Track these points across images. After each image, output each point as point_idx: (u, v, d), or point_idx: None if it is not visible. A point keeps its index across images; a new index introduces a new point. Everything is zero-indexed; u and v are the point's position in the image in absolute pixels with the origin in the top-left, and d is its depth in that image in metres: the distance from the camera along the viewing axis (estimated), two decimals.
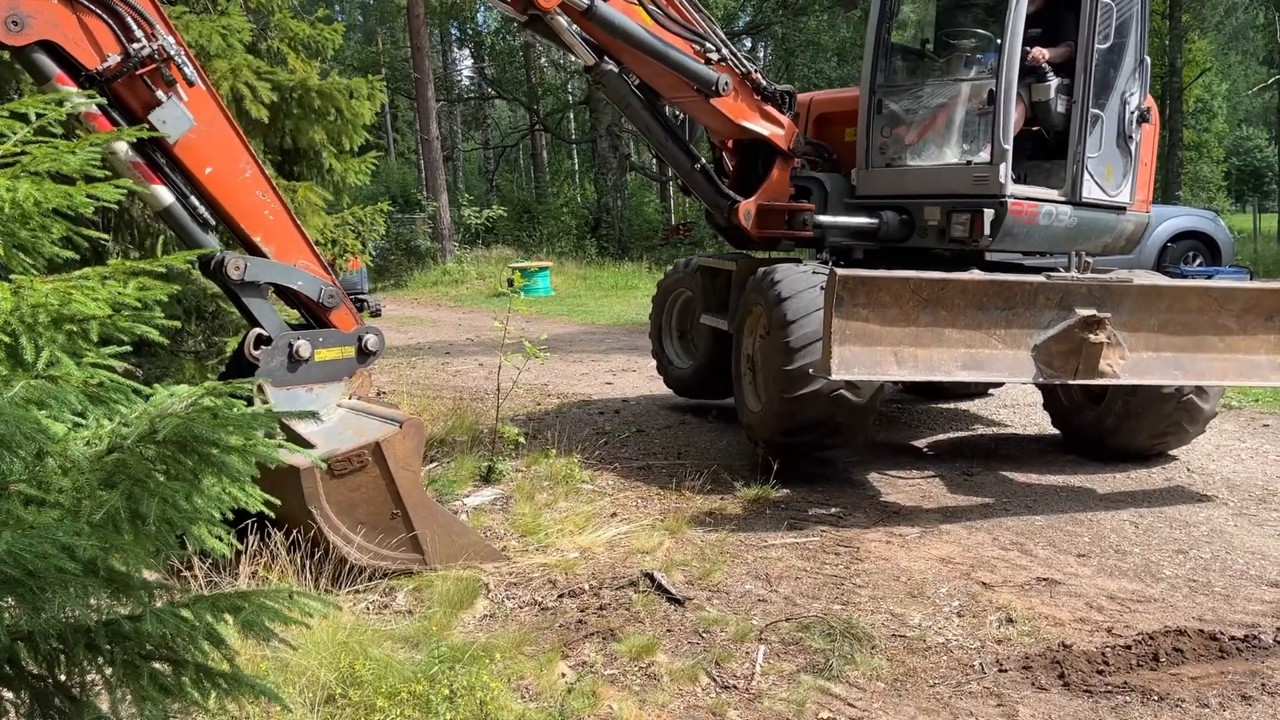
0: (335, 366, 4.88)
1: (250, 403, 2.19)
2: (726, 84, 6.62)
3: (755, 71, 6.91)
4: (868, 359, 5.24)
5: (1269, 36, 32.93)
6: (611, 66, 6.59)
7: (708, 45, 6.57)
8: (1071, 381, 5.61)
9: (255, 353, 4.56)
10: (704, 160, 7.29)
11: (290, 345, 4.66)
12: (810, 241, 7.12)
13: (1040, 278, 5.56)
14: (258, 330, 4.60)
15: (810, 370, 5.61)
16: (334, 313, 4.91)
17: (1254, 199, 33.75)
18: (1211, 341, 5.66)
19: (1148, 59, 6.65)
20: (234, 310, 5.72)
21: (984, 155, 6.28)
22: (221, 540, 2.22)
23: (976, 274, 5.77)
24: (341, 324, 4.94)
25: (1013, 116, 6.16)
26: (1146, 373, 5.61)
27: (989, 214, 6.14)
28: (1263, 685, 3.55)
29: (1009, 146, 6.14)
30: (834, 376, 5.20)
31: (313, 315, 4.94)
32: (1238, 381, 5.74)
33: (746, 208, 7.06)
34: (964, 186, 6.38)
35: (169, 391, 2.14)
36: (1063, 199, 6.44)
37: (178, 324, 2.51)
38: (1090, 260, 5.82)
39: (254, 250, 4.66)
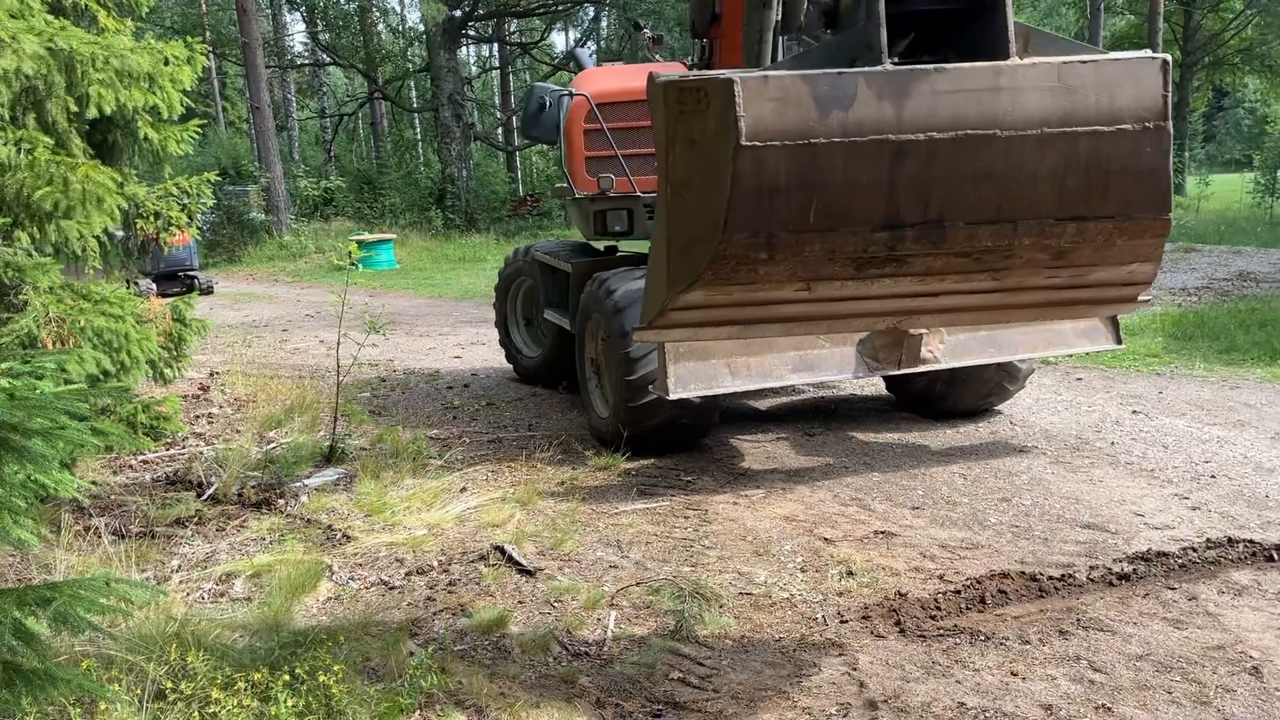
0: None
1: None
2: None
3: None
4: (703, 374, 5.42)
5: None
6: None
7: None
8: (897, 372, 5.92)
9: None
10: None
11: None
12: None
13: None
14: None
15: (650, 389, 5.69)
16: None
17: None
18: None
19: None
20: (24, 284, 4.90)
21: None
22: (28, 531, 2.07)
23: None
24: None
25: None
26: (965, 354, 5.96)
27: None
28: (1078, 620, 3.81)
29: None
30: (672, 395, 5.33)
31: None
32: (1047, 352, 6.17)
33: None
34: None
35: None
36: None
37: None
38: None
39: None
